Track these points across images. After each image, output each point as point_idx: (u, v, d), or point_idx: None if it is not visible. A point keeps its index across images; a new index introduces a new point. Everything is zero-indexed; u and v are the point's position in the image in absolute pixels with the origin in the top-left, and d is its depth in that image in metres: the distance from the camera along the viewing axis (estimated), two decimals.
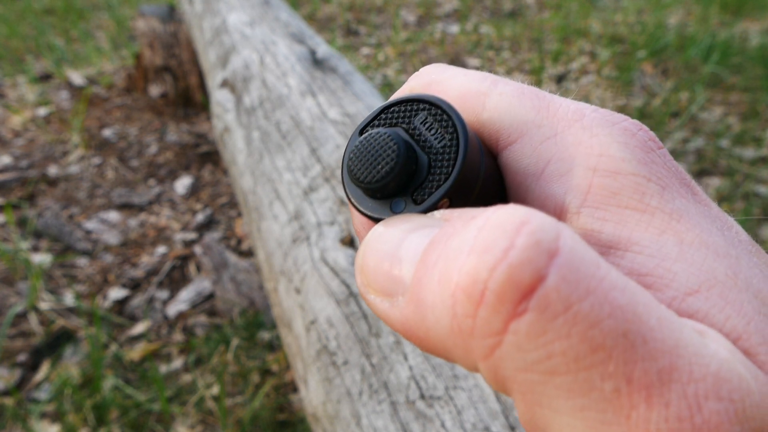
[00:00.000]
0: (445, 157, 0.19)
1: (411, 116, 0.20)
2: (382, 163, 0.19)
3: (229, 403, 1.34)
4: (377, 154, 0.19)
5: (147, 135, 2.48)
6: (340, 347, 0.68)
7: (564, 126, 0.20)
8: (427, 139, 0.19)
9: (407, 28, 3.86)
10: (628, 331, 0.14)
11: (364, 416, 0.60)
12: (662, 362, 0.14)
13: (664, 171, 0.19)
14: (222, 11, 1.81)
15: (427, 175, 0.19)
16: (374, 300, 0.18)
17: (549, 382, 0.14)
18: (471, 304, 0.15)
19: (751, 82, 2.66)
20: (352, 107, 1.11)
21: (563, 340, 0.14)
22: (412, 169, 0.19)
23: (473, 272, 0.15)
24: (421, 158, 0.19)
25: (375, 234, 0.18)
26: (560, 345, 0.14)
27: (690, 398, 0.14)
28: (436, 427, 0.55)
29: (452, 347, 0.16)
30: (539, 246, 0.14)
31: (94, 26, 3.92)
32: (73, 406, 1.31)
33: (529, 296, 0.14)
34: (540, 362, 0.14)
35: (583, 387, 0.14)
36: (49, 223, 1.88)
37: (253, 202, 1.06)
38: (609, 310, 0.14)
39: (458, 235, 0.16)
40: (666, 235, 0.17)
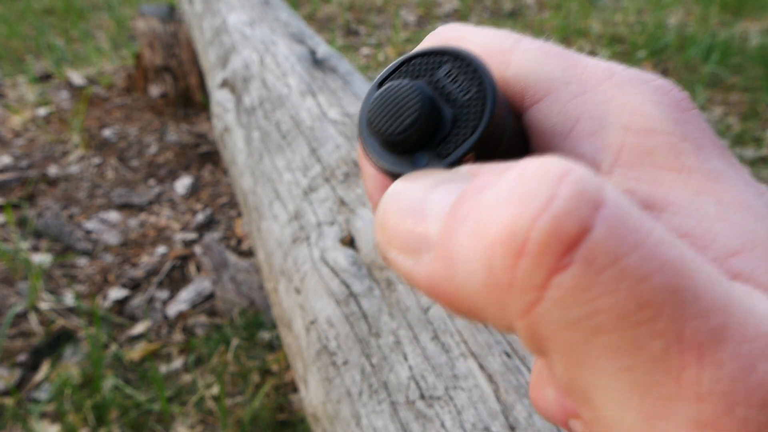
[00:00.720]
0: (472, 110, 0.18)
1: (434, 69, 0.19)
2: (406, 113, 0.17)
3: (229, 403, 1.34)
4: (400, 105, 0.18)
5: (147, 135, 2.48)
6: (340, 347, 0.68)
7: (593, 84, 0.19)
8: (452, 92, 0.18)
9: (407, 28, 3.86)
10: (679, 288, 0.13)
11: (364, 416, 0.60)
12: (714, 321, 0.13)
13: (699, 131, 0.18)
14: (222, 11, 1.81)
15: (452, 129, 0.18)
16: (396, 258, 0.17)
17: (593, 341, 0.13)
18: (510, 257, 0.13)
19: (751, 82, 2.66)
20: (352, 107, 1.11)
21: (610, 295, 0.13)
22: (436, 120, 0.18)
23: (512, 223, 0.13)
24: (445, 111, 0.18)
25: (397, 189, 0.17)
26: (607, 301, 0.13)
27: (744, 358, 0.13)
28: (436, 427, 0.55)
29: (485, 305, 0.14)
30: (584, 196, 0.13)
31: (94, 26, 3.92)
32: (73, 406, 1.31)
33: (573, 249, 0.13)
34: (584, 319, 0.13)
35: (631, 346, 0.13)
36: (49, 223, 1.88)
37: (253, 202, 1.06)
38: (658, 264, 0.13)
39: (492, 186, 0.14)
40: (704, 195, 0.17)
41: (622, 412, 0.14)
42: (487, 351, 0.59)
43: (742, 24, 3.50)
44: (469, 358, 0.59)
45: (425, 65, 0.19)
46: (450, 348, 0.61)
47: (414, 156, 0.18)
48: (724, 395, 0.13)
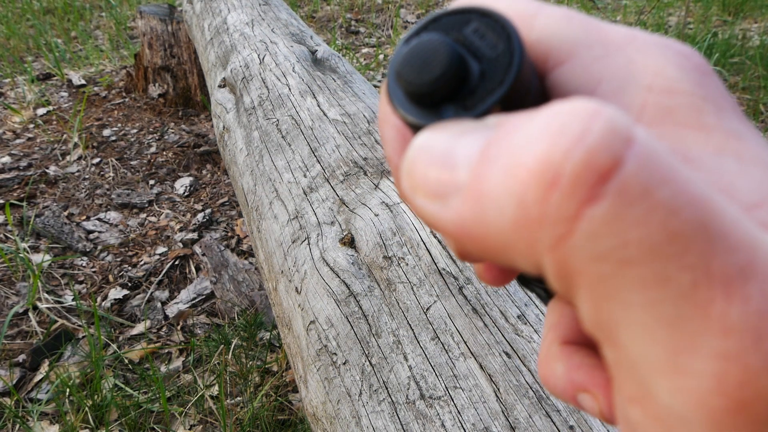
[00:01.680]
0: (499, 64, 0.18)
1: (462, 26, 0.19)
2: (436, 63, 0.18)
3: (229, 403, 1.34)
4: (430, 56, 0.18)
5: (147, 135, 2.48)
6: (340, 347, 0.67)
7: (616, 47, 0.19)
8: (480, 48, 0.18)
9: (407, 28, 3.86)
10: (708, 224, 0.13)
11: (364, 416, 0.60)
12: (742, 258, 0.13)
13: (719, 93, 0.18)
14: (222, 11, 1.81)
15: (479, 83, 0.18)
16: (422, 203, 0.17)
17: (622, 274, 0.14)
18: (543, 189, 0.14)
19: (751, 82, 2.66)
20: (352, 107, 1.11)
21: (641, 227, 0.13)
22: (464, 73, 0.18)
23: (546, 156, 0.14)
24: (473, 66, 0.18)
25: (425, 137, 0.17)
26: (637, 232, 0.13)
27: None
28: (436, 427, 0.55)
29: (515, 241, 0.15)
30: (616, 132, 0.14)
31: (93, 26, 3.92)
32: (72, 406, 1.31)
33: (606, 181, 0.13)
34: (614, 251, 0.14)
35: (659, 279, 0.13)
36: (48, 223, 1.88)
37: (253, 202, 1.06)
38: (688, 200, 0.13)
39: (523, 128, 0.15)
40: (725, 152, 0.17)
41: (648, 348, 0.14)
42: (487, 351, 0.59)
43: (742, 24, 3.50)
44: (469, 358, 0.59)
45: (453, 23, 0.19)
46: (450, 348, 0.61)
47: (440, 109, 0.18)
48: (751, 330, 0.13)
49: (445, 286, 0.67)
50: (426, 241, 0.74)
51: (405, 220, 0.78)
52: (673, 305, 0.13)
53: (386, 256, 0.74)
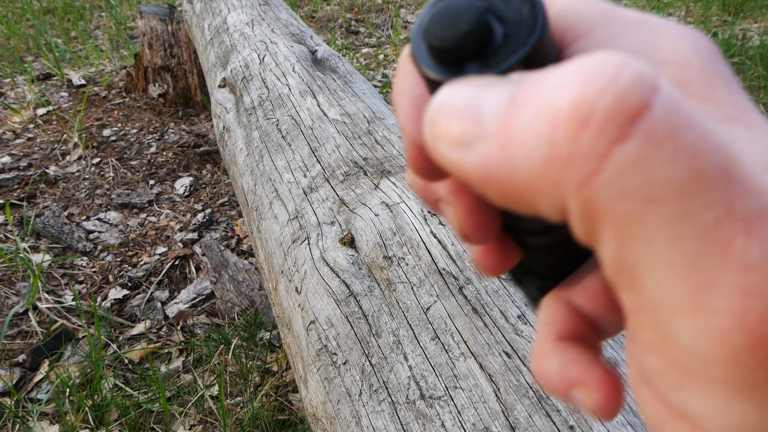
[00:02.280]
0: (523, 28, 0.19)
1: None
2: (463, 21, 0.19)
3: (229, 403, 1.34)
4: (458, 14, 0.19)
5: (147, 135, 2.48)
6: (340, 347, 0.67)
7: (631, 27, 0.20)
8: (504, 12, 0.19)
9: (407, 28, 3.86)
10: (729, 167, 0.14)
11: (364, 416, 0.60)
12: (760, 200, 0.14)
13: (727, 71, 0.20)
14: (222, 11, 1.81)
15: (503, 44, 0.19)
16: (446, 151, 0.17)
17: (647, 212, 0.14)
18: (574, 129, 0.14)
19: (751, 82, 2.66)
20: (352, 107, 1.11)
21: (667, 166, 0.14)
22: (490, 32, 0.19)
23: (579, 97, 0.15)
24: (497, 28, 0.19)
25: (450, 88, 0.18)
26: (664, 171, 0.14)
27: None
28: (436, 427, 0.55)
29: (541, 182, 0.15)
30: (644, 78, 0.15)
31: (93, 26, 3.92)
32: (72, 406, 1.31)
33: (635, 122, 0.14)
34: (641, 189, 0.14)
35: (684, 216, 0.14)
36: (48, 223, 1.88)
37: (253, 202, 1.06)
38: (711, 144, 0.14)
39: (553, 76, 0.15)
40: (735, 122, 0.18)
41: (670, 287, 0.15)
42: (487, 351, 0.59)
43: (742, 24, 3.50)
44: (469, 358, 0.59)
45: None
46: (450, 348, 0.61)
47: (463, 66, 0.19)
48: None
49: (445, 286, 0.67)
50: (426, 241, 0.74)
51: (405, 220, 0.78)
52: (696, 242, 0.14)
53: (386, 256, 0.74)
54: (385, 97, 2.77)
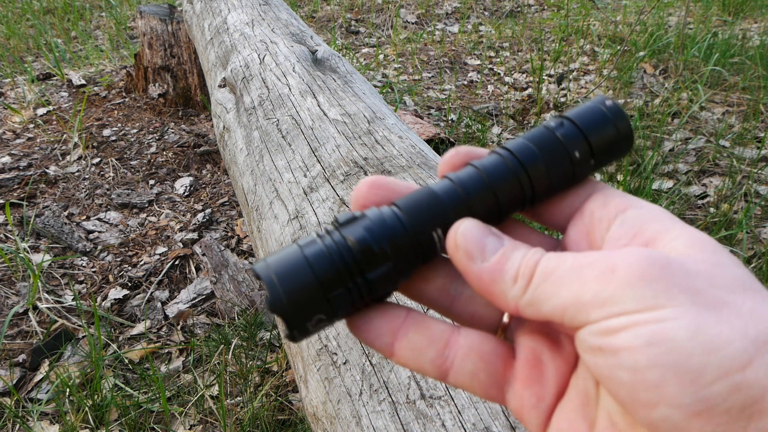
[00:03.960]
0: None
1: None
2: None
3: (229, 403, 1.34)
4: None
5: (147, 135, 2.48)
6: (340, 347, 0.67)
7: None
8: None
9: (407, 28, 3.86)
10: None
11: (365, 416, 0.60)
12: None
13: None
14: (222, 11, 1.81)
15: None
16: (460, 257, 0.25)
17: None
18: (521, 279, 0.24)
19: (751, 82, 2.66)
20: (352, 107, 1.11)
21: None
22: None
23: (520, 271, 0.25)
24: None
25: (468, 224, 0.26)
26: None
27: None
28: (436, 427, 0.54)
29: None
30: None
31: (93, 26, 3.92)
32: (72, 406, 1.31)
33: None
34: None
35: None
36: (48, 223, 1.88)
37: (253, 201, 1.06)
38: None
39: (512, 254, 0.25)
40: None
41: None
42: None
43: (742, 24, 3.50)
44: None
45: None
46: None
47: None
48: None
49: None
50: None
51: None
52: None
53: None
54: (385, 97, 2.77)
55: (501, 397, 0.27)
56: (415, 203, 0.27)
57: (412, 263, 0.27)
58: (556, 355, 0.26)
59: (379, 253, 0.26)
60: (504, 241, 0.26)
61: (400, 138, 1.00)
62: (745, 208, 1.87)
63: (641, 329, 0.20)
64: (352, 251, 0.26)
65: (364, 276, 0.26)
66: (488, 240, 0.25)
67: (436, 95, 2.86)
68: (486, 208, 0.27)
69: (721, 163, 2.19)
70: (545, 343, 0.26)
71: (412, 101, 2.78)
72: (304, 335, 0.26)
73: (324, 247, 0.26)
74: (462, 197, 0.27)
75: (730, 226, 1.83)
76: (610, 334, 0.21)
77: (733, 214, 1.89)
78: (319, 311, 0.25)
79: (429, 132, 2.26)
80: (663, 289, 0.21)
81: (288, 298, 0.25)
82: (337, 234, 0.26)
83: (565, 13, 3.96)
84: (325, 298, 0.25)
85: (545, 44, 3.45)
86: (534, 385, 0.26)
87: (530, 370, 0.26)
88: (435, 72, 3.15)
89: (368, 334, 0.27)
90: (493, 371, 0.27)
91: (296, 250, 0.26)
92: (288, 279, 0.25)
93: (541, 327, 0.27)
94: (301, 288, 0.25)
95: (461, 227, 0.26)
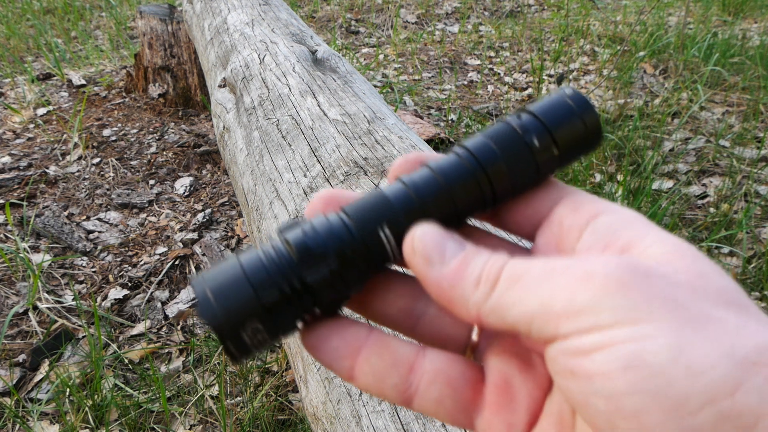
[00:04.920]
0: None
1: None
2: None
3: (229, 403, 1.34)
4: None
5: (147, 135, 2.48)
6: None
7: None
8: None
9: (407, 28, 3.86)
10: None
11: (365, 416, 0.60)
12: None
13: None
14: (222, 11, 1.81)
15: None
16: (418, 262, 0.24)
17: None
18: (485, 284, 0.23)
19: (751, 82, 2.66)
20: (352, 107, 1.11)
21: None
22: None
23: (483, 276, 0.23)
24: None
25: (426, 228, 0.24)
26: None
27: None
28: (436, 427, 0.55)
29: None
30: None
31: (93, 26, 3.92)
32: (72, 406, 1.31)
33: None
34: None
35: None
36: (48, 223, 1.88)
37: (253, 201, 1.06)
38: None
39: (474, 257, 0.24)
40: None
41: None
42: None
43: (742, 24, 3.50)
44: None
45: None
46: None
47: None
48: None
49: None
50: None
51: None
52: None
53: None
54: (385, 97, 2.77)
55: (469, 424, 0.25)
56: (363, 206, 0.25)
57: (360, 270, 0.25)
58: (527, 378, 0.24)
59: (318, 254, 0.24)
60: (465, 245, 0.24)
61: (400, 138, 1.00)
62: (745, 208, 1.87)
63: (618, 350, 0.18)
64: (289, 252, 0.24)
65: (302, 280, 0.24)
66: (448, 243, 0.24)
67: (436, 95, 2.86)
68: (442, 212, 0.25)
69: (721, 163, 2.19)
70: (516, 366, 0.25)
71: (412, 101, 2.78)
72: (243, 351, 0.24)
73: (261, 252, 0.24)
74: (415, 201, 0.25)
75: (730, 226, 1.83)
76: (582, 354, 0.19)
77: (733, 214, 1.89)
78: (253, 317, 0.23)
79: (429, 132, 2.26)
80: (643, 300, 0.19)
81: (218, 303, 0.23)
82: (277, 239, 0.25)
83: (565, 13, 3.96)
84: (260, 304, 0.23)
85: (545, 44, 3.45)
86: (503, 411, 0.24)
87: (500, 396, 0.24)
88: (435, 72, 3.15)
89: (325, 355, 0.25)
90: (460, 398, 0.25)
91: (233, 259, 0.24)
92: (219, 285, 0.23)
93: (512, 347, 0.25)
94: (232, 292, 0.23)
95: (418, 231, 0.24)
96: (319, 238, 0.24)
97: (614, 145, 2.25)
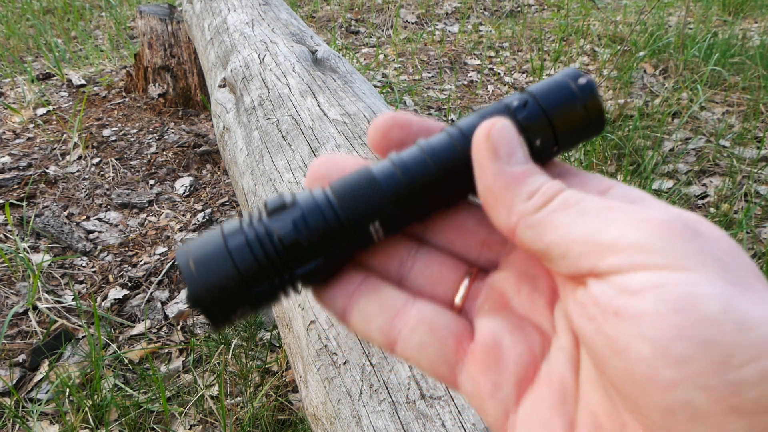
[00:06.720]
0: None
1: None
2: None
3: (229, 403, 1.34)
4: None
5: (147, 135, 2.48)
6: (340, 347, 0.67)
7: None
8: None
9: (407, 28, 3.86)
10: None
11: (365, 416, 0.60)
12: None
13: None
14: (222, 11, 1.81)
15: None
16: (483, 151, 0.24)
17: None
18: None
19: (751, 82, 2.66)
20: (352, 107, 1.11)
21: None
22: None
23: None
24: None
25: (507, 125, 0.24)
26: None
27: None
28: (436, 427, 0.54)
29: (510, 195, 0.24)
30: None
31: (93, 26, 3.92)
32: (72, 406, 1.31)
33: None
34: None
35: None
36: (48, 223, 1.88)
37: (253, 202, 1.06)
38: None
39: (537, 174, 0.24)
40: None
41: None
42: None
43: (742, 24, 3.50)
44: None
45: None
46: None
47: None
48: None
49: None
50: None
51: None
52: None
53: None
54: (385, 97, 2.77)
55: (452, 379, 0.25)
56: (352, 190, 0.25)
57: (347, 255, 0.25)
58: (517, 341, 0.24)
59: (309, 249, 0.24)
60: (531, 162, 0.24)
61: None
62: (745, 208, 1.87)
63: (670, 291, 0.18)
64: (279, 246, 0.24)
65: (292, 272, 0.24)
66: (521, 149, 0.24)
67: (436, 95, 2.86)
68: (433, 194, 0.25)
69: (721, 163, 2.19)
70: (506, 326, 0.24)
71: (412, 101, 2.78)
72: (227, 324, 0.25)
73: (250, 238, 0.24)
74: (403, 183, 0.24)
75: (730, 226, 1.83)
76: (630, 294, 0.18)
77: (734, 214, 1.89)
78: (242, 305, 0.24)
79: None
80: (695, 252, 0.18)
81: (210, 295, 0.23)
82: (264, 225, 0.24)
83: (565, 13, 3.96)
84: (249, 293, 0.24)
85: (545, 44, 3.45)
86: (490, 371, 0.24)
87: (487, 354, 0.24)
88: (435, 72, 3.15)
89: (322, 296, 0.26)
90: (443, 347, 0.25)
91: (220, 242, 0.24)
92: (210, 275, 0.23)
93: (504, 309, 0.25)
94: (224, 285, 0.23)
95: (499, 124, 0.24)
96: (310, 231, 0.24)
97: (614, 145, 2.25)
